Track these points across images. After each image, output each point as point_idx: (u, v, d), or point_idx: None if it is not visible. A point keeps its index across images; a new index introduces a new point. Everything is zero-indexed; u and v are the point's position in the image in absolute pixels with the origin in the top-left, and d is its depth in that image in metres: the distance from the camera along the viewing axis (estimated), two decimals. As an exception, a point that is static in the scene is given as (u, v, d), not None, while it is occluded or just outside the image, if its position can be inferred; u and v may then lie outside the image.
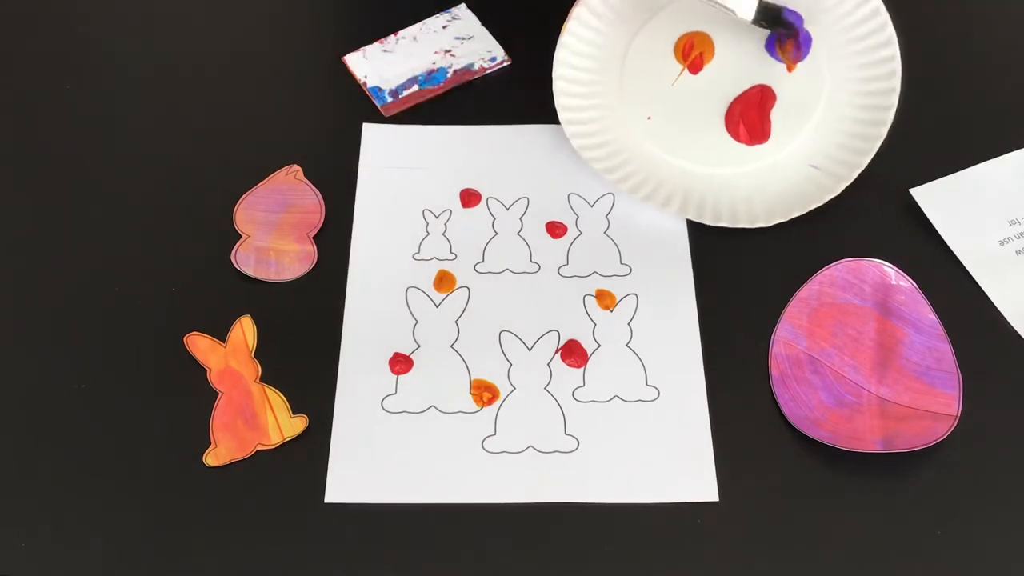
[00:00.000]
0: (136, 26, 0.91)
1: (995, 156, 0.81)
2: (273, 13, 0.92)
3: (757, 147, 0.79)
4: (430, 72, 0.86)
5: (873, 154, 0.77)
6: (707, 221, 0.76)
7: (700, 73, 0.80)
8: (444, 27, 0.90)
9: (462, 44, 0.88)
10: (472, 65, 0.87)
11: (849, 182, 0.77)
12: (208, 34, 0.91)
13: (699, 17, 0.79)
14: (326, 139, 0.84)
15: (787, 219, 0.76)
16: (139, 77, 0.88)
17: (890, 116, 0.77)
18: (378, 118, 0.84)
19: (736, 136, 0.79)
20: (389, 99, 0.85)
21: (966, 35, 0.89)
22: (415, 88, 0.85)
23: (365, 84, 0.85)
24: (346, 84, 0.86)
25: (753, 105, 0.79)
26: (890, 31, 0.76)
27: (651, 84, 0.80)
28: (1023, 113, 0.84)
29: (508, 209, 0.79)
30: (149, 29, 0.91)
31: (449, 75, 0.86)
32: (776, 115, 0.80)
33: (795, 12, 0.76)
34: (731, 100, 0.80)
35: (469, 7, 0.91)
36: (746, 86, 0.80)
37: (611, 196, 0.80)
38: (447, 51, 0.88)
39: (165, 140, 0.84)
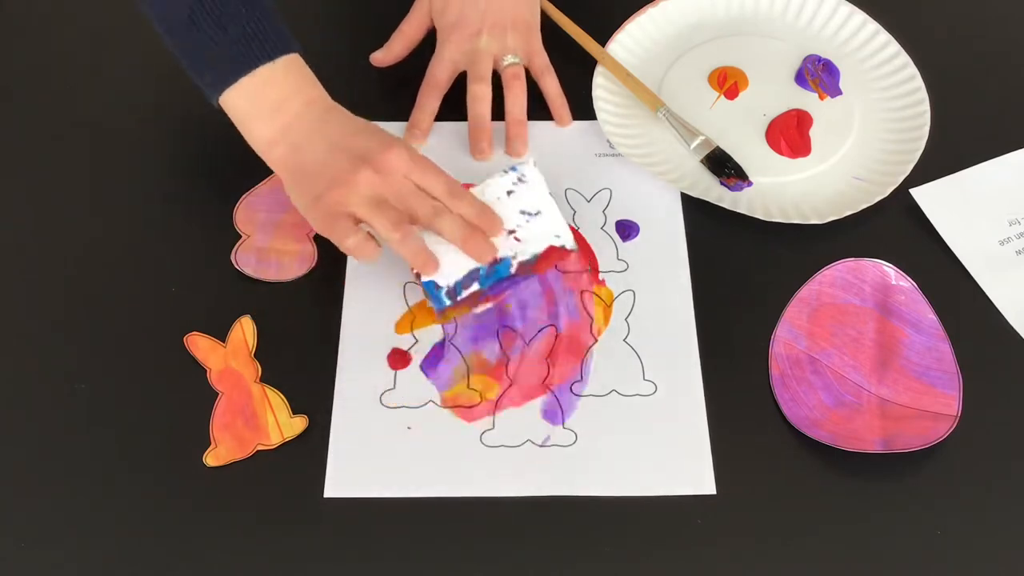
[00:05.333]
0: (138, 25, 0.91)
1: (995, 156, 0.81)
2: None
3: (800, 159, 0.81)
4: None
5: (914, 164, 0.79)
6: (759, 216, 0.76)
7: (736, 99, 0.84)
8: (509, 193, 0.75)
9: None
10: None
11: (895, 186, 0.78)
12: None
13: (728, 54, 0.86)
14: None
15: (840, 217, 0.76)
16: (140, 77, 0.88)
17: (924, 133, 0.80)
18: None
19: (779, 150, 0.81)
20: (447, 301, 0.71)
21: (965, 36, 0.89)
22: (475, 287, 0.71)
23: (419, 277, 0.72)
24: (346, 82, 0.86)
25: (791, 126, 0.82)
26: (912, 69, 0.84)
27: (689, 108, 0.82)
28: (1023, 113, 0.84)
29: None
30: (151, 29, 0.91)
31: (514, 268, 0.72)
32: (815, 133, 0.82)
33: (832, 64, 0.85)
34: (770, 121, 0.82)
35: None
36: (783, 109, 0.83)
37: (608, 192, 0.80)
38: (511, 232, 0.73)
39: (166, 140, 0.84)
